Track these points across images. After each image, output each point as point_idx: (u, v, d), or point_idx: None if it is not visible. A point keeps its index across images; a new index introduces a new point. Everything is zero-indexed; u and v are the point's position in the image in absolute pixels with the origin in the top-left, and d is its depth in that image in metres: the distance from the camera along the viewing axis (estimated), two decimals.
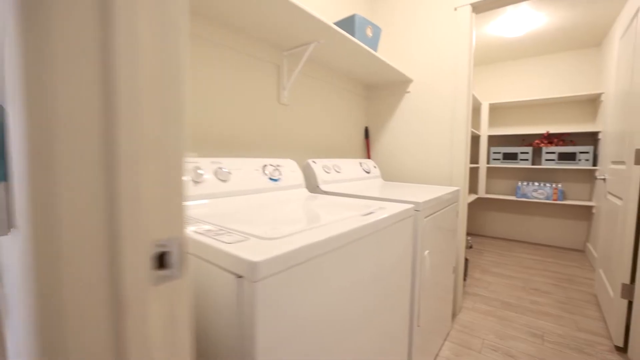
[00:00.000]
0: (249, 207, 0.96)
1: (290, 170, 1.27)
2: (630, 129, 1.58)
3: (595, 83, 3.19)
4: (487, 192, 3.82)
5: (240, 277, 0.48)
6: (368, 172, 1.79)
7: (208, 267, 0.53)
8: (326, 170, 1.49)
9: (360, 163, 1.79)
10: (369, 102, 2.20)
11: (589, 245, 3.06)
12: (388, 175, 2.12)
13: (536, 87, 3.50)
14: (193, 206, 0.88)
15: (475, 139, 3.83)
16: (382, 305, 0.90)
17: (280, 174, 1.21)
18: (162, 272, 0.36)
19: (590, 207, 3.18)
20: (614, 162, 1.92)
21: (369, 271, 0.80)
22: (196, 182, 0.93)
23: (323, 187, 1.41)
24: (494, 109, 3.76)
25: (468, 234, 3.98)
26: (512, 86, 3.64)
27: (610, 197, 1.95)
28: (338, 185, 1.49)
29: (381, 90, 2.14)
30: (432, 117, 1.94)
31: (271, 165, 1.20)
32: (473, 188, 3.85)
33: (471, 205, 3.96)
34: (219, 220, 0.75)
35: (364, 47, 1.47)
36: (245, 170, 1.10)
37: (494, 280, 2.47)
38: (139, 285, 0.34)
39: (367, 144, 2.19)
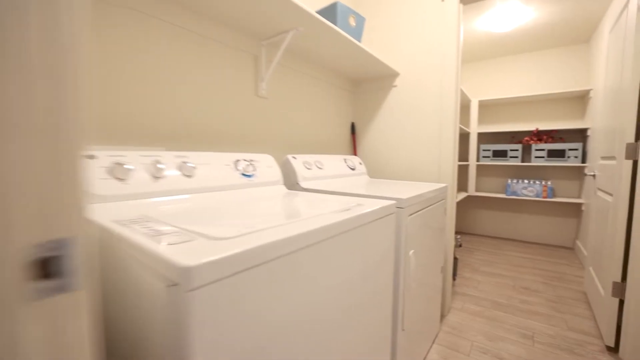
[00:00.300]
0: (214, 205, 0.88)
1: (267, 165, 1.19)
2: (621, 124, 1.53)
3: (584, 79, 3.18)
4: (477, 190, 3.79)
5: (174, 285, 0.39)
6: (353, 169, 1.72)
7: (142, 273, 0.45)
8: (307, 166, 1.41)
9: (345, 159, 1.72)
10: (356, 96, 2.13)
11: (578, 243, 3.05)
12: (375, 173, 2.05)
13: (525, 84, 3.48)
14: (150, 204, 0.80)
15: (465, 136, 3.80)
16: (361, 310, 0.82)
17: (254, 169, 1.13)
18: (46, 284, 0.28)
19: (579, 205, 3.17)
20: (604, 158, 1.89)
21: (343, 273, 0.73)
22: (156, 178, 0.84)
23: (303, 184, 1.33)
24: (484, 106, 3.73)
25: (458, 232, 3.95)
26: (501, 83, 3.61)
27: (600, 193, 1.91)
28: (320, 182, 1.41)
29: (367, 84, 2.07)
30: (419, 111, 1.88)
31: (245, 160, 1.12)
32: (463, 186, 3.81)
33: (461, 203, 3.93)
34: (173, 219, 0.67)
35: (346, 36, 1.40)
36: (214, 165, 1.01)
37: (484, 279, 2.42)
38: (3, 302, 0.25)
39: (353, 140, 2.11)
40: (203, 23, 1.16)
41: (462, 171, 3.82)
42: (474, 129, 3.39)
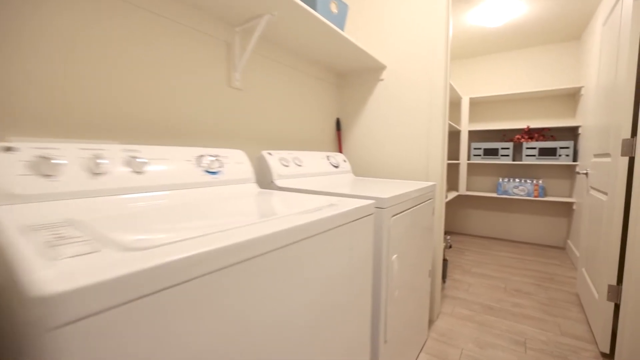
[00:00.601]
0: (163, 205, 0.76)
1: (236, 162, 1.08)
2: (616, 119, 1.46)
3: (575, 77, 3.13)
4: (467, 189, 3.72)
5: (38, 319, 0.28)
6: (336, 167, 1.61)
7: (8, 297, 0.34)
8: (284, 163, 1.30)
9: (328, 156, 1.61)
10: (341, 91, 2.03)
11: (570, 242, 3.00)
12: (361, 171, 1.95)
13: (516, 82, 3.42)
14: (84, 205, 0.68)
15: (455, 134, 3.73)
16: (331, 329, 0.72)
17: (221, 166, 1.02)
18: None
19: (570, 204, 3.12)
20: (597, 155, 1.82)
21: (305, 289, 0.62)
22: (95, 175, 0.72)
23: (279, 183, 1.22)
24: (475, 103, 3.67)
25: (448, 232, 3.88)
26: (492, 80, 3.55)
27: (593, 192, 1.84)
28: (298, 181, 1.30)
29: (353, 78, 1.97)
30: (407, 106, 1.78)
31: (210, 155, 1.01)
32: (453, 185, 3.75)
33: (452, 203, 3.86)
34: (101, 223, 0.56)
35: (326, 23, 1.29)
36: (172, 160, 0.90)
37: (475, 281, 2.35)
38: None
39: (338, 136, 2.01)
40: (166, 3, 1.04)
41: (453, 170, 3.75)
42: (465, 126, 3.32)
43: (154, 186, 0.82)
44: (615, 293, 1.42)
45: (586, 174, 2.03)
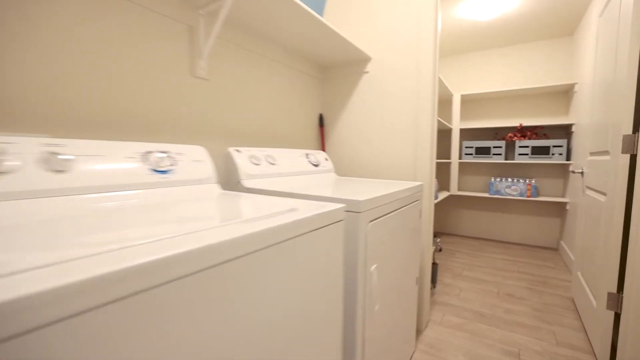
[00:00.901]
0: (82, 212, 0.62)
1: (193, 159, 0.94)
2: (616, 115, 1.36)
3: (568, 74, 3.05)
4: (459, 189, 3.63)
5: None
6: (316, 166, 1.48)
7: None
8: (254, 161, 1.17)
9: (307, 154, 1.48)
10: (324, 85, 1.90)
11: (563, 243, 2.92)
12: (345, 170, 1.82)
13: (509, 78, 3.33)
14: None
15: (446, 133, 3.63)
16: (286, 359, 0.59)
17: (173, 164, 0.88)
18: None
19: (564, 204, 3.04)
20: (594, 154, 1.72)
21: (240, 319, 0.49)
22: None
23: (246, 183, 1.09)
24: (466, 101, 3.57)
25: (439, 234, 3.78)
26: (484, 77, 3.46)
27: (590, 192, 1.74)
28: (269, 181, 1.17)
29: (337, 70, 1.84)
30: (394, 101, 1.66)
31: (160, 152, 0.87)
32: (445, 185, 3.65)
33: (443, 203, 3.76)
34: None
35: (299, 3, 1.16)
36: (109, 157, 0.76)
37: (466, 285, 2.24)
38: None
39: (321, 133, 1.88)
40: None
41: (444, 169, 3.65)
42: (456, 124, 3.22)
43: (79, 188, 0.68)
44: (615, 301, 1.31)
45: (582, 173, 1.94)
